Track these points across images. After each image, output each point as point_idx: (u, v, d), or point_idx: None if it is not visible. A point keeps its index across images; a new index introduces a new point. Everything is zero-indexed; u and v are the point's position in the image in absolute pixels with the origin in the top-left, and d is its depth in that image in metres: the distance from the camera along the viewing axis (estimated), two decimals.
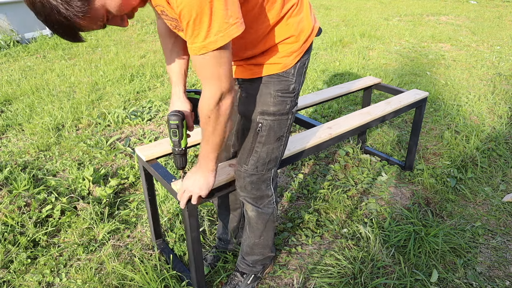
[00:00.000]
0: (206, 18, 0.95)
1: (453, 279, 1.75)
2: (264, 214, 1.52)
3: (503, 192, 2.39)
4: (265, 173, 1.43)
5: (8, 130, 3.23)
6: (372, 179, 2.50)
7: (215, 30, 0.97)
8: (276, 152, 1.40)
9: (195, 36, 0.99)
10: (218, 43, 1.00)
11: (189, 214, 1.39)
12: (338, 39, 6.09)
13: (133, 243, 1.98)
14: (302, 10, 1.27)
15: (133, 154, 2.82)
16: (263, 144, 1.35)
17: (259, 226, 1.55)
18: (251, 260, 1.65)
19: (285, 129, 1.37)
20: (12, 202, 2.15)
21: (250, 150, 1.37)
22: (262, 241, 1.60)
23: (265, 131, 1.33)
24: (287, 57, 1.27)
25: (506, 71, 4.62)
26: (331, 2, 10.06)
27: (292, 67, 1.29)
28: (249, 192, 1.45)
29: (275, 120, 1.32)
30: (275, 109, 1.30)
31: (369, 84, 2.58)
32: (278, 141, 1.37)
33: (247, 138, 1.37)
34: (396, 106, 2.18)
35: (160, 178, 1.52)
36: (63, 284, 1.75)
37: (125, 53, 5.49)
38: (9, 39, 5.81)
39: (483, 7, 9.46)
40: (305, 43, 1.30)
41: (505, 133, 3.07)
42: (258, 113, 1.31)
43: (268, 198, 1.50)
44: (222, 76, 1.07)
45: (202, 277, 1.57)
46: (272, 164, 1.42)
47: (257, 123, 1.32)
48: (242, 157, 1.41)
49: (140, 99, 3.87)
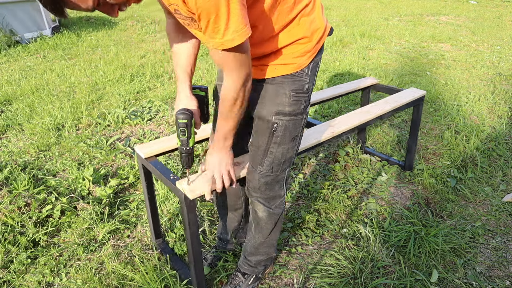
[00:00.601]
0: (224, 17, 1.01)
1: (453, 279, 1.75)
2: (275, 214, 1.52)
3: (503, 192, 2.39)
4: (280, 174, 1.44)
5: (8, 130, 3.23)
6: (372, 179, 2.50)
7: (232, 29, 1.03)
8: (291, 152, 1.41)
9: (215, 33, 1.05)
10: (235, 41, 1.05)
11: (188, 209, 1.39)
12: (338, 39, 6.09)
13: (133, 243, 1.98)
14: (314, 10, 1.28)
15: (133, 154, 2.82)
16: (279, 145, 1.36)
17: (268, 226, 1.55)
18: (254, 260, 1.65)
19: (299, 129, 1.38)
20: (12, 202, 2.15)
21: (265, 151, 1.37)
22: (268, 240, 1.60)
23: (281, 131, 1.34)
24: (301, 57, 1.28)
25: (506, 71, 4.62)
26: (331, 2, 10.07)
27: (306, 67, 1.30)
28: (263, 193, 1.45)
29: (291, 120, 1.33)
30: (290, 109, 1.31)
31: (367, 84, 2.59)
32: (292, 141, 1.38)
33: (262, 139, 1.37)
34: (394, 104, 2.20)
35: (159, 175, 1.52)
36: (63, 284, 1.75)
37: (125, 53, 5.49)
38: (9, 39, 5.81)
39: (483, 7, 9.46)
40: (318, 43, 1.31)
41: (505, 133, 3.07)
42: (274, 113, 1.32)
43: (280, 199, 1.51)
44: (244, 63, 1.14)
45: (201, 275, 1.57)
46: (286, 164, 1.43)
47: (272, 123, 1.33)
48: (256, 158, 1.40)
49: (140, 99, 3.87)
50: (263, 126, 1.35)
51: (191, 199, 1.37)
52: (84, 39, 6.41)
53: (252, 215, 1.55)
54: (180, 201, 1.68)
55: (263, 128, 1.35)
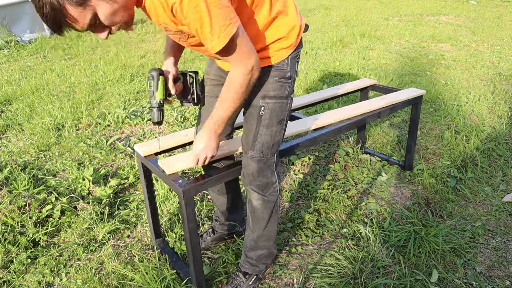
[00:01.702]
0: (207, 25, 1.12)
1: (453, 279, 1.75)
2: (269, 202, 1.56)
3: (503, 192, 2.39)
4: (270, 158, 1.50)
5: (8, 130, 3.23)
6: (372, 179, 2.50)
7: (216, 34, 1.14)
8: (278, 135, 1.49)
9: (205, 40, 1.17)
10: (222, 41, 1.15)
11: (185, 203, 1.41)
12: (338, 39, 6.09)
13: (133, 243, 1.98)
14: (288, 11, 1.38)
15: (133, 154, 2.82)
16: (267, 127, 1.44)
17: (264, 215, 1.58)
18: (255, 256, 1.66)
19: (285, 113, 1.47)
20: (12, 202, 2.15)
21: (255, 135, 1.46)
22: (266, 232, 1.62)
23: (268, 114, 1.43)
24: (279, 51, 1.40)
25: (506, 71, 4.62)
26: (331, 2, 10.07)
27: (285, 58, 1.41)
28: (256, 179, 1.51)
29: (276, 103, 1.43)
30: (275, 93, 1.42)
31: (365, 85, 2.60)
32: (280, 124, 1.47)
33: (251, 123, 1.46)
34: (390, 101, 2.21)
35: (158, 172, 1.53)
36: (63, 284, 1.75)
37: (125, 53, 5.49)
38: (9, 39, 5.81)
39: (483, 7, 9.46)
40: (296, 40, 1.42)
41: (505, 133, 3.07)
42: (260, 97, 1.42)
43: (273, 185, 1.55)
44: (248, 53, 1.23)
45: (201, 274, 1.57)
46: (275, 148, 1.51)
47: (259, 107, 1.42)
48: (247, 143, 1.49)
49: (140, 99, 3.87)
50: (251, 111, 1.45)
51: (168, 173, 1.47)
52: (84, 39, 6.41)
53: (248, 206, 1.60)
54: (178, 196, 1.70)
55: (251, 113, 1.45)
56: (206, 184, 1.49)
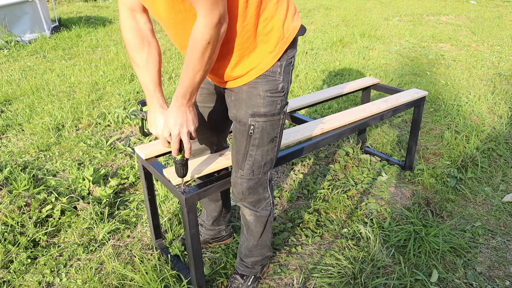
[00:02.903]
0: None
1: (453, 279, 1.75)
2: (262, 217, 1.52)
3: (503, 192, 2.39)
4: (262, 177, 1.42)
5: (8, 130, 3.23)
6: (372, 179, 2.50)
7: None
8: (271, 154, 1.39)
9: None
10: None
11: (188, 209, 1.40)
12: (338, 39, 6.09)
13: (133, 243, 1.98)
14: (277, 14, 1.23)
15: (133, 154, 2.82)
16: (257, 147, 1.34)
17: (258, 229, 1.55)
18: (250, 261, 1.66)
19: (277, 130, 1.36)
20: (12, 202, 2.15)
21: (245, 154, 1.36)
22: (261, 242, 1.61)
23: (258, 133, 1.32)
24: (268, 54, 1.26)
25: (506, 71, 4.62)
26: (331, 2, 10.06)
27: (278, 66, 1.27)
28: (247, 197, 1.45)
29: (267, 121, 1.31)
30: (266, 110, 1.29)
31: (367, 84, 2.58)
32: (271, 143, 1.36)
33: (240, 142, 1.35)
34: (393, 103, 2.19)
35: (159, 176, 1.53)
36: (63, 284, 1.75)
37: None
38: (9, 39, 5.81)
39: (483, 7, 9.46)
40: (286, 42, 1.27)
41: (505, 133, 3.07)
42: (249, 115, 1.29)
43: (265, 201, 1.50)
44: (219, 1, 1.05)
45: (201, 274, 1.57)
46: (267, 166, 1.42)
47: (249, 125, 1.30)
48: (237, 163, 1.40)
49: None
50: (240, 129, 1.33)
51: (175, 184, 1.44)
52: (84, 39, 6.41)
53: (242, 218, 1.57)
54: (180, 202, 1.69)
55: (241, 131, 1.34)
56: (208, 191, 1.47)
